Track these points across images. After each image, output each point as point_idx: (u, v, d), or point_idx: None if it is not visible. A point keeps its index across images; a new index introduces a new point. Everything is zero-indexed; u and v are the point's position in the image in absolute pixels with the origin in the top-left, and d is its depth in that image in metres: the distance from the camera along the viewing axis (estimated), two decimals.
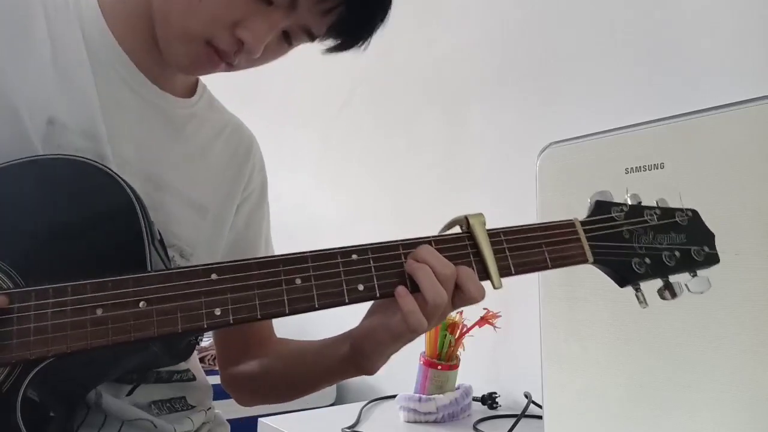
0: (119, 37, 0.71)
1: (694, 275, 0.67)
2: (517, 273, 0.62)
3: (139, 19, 0.70)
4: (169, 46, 0.68)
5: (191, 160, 0.78)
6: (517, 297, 1.41)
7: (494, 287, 0.60)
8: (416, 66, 1.76)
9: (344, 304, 0.58)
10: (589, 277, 0.96)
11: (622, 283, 0.66)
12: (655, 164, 0.88)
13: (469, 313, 1.36)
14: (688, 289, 0.66)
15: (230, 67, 0.70)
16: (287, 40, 0.70)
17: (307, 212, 2.08)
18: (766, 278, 0.77)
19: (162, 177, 0.74)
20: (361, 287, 0.58)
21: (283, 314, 0.56)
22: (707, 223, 0.71)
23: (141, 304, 0.53)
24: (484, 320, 1.34)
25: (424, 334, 1.35)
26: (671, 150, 0.87)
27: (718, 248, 0.69)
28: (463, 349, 1.37)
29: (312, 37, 0.70)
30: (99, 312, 0.52)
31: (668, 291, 0.66)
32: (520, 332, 1.39)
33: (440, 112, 1.70)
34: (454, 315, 1.36)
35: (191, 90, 0.81)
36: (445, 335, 1.35)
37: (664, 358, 0.87)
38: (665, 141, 0.88)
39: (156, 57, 0.71)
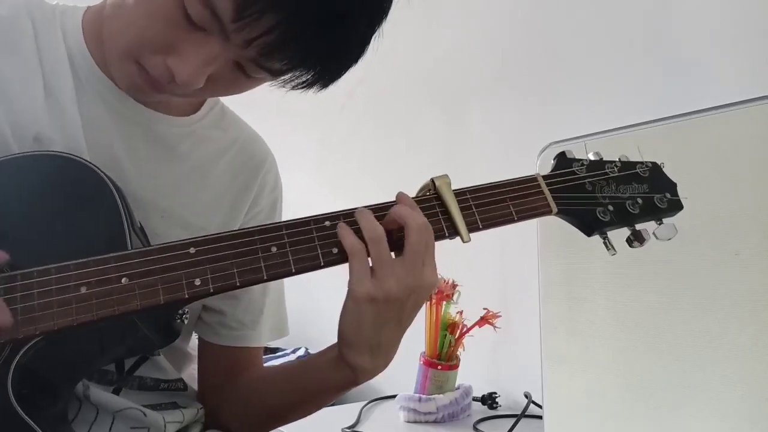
0: (98, 57, 0.70)
1: (660, 223, 0.69)
2: (485, 227, 0.64)
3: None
4: (110, 67, 0.67)
5: (186, 179, 0.75)
6: (517, 297, 1.42)
7: (463, 241, 0.63)
8: (416, 66, 1.76)
9: (320, 267, 0.60)
10: (589, 277, 0.96)
11: (588, 232, 0.68)
12: None
13: (469, 313, 1.36)
14: (656, 236, 0.68)
15: (175, 95, 0.65)
16: (242, 71, 0.62)
17: (308, 212, 2.08)
18: (766, 278, 0.77)
19: (148, 198, 0.71)
20: (335, 250, 0.60)
21: (261, 280, 0.58)
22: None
23: (123, 279, 0.55)
24: (484, 320, 1.34)
25: (424, 335, 1.36)
26: (671, 150, 0.87)
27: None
28: (463, 349, 1.37)
29: (270, 72, 0.62)
30: (83, 290, 0.54)
31: (636, 239, 0.68)
32: (520, 332, 1.39)
33: (440, 112, 1.70)
34: (454, 315, 1.36)
35: (195, 107, 0.78)
36: (445, 335, 1.35)
37: (664, 358, 0.87)
38: (665, 141, 0.88)
39: None
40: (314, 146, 2.16)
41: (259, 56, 0.59)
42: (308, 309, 0.94)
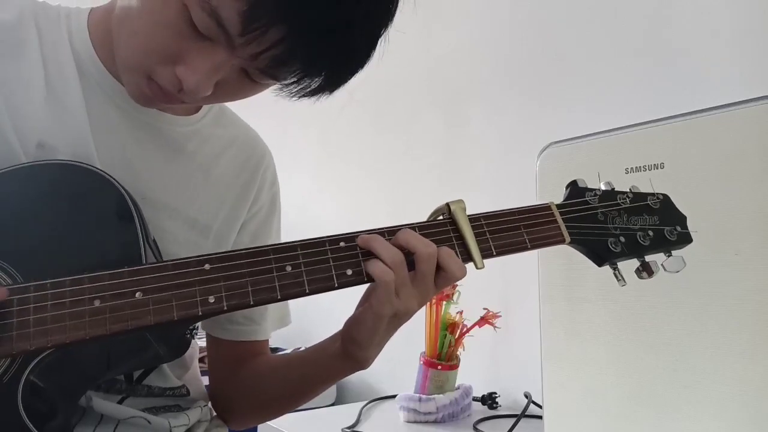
0: (105, 59, 0.70)
1: (669, 255, 0.70)
2: (499, 254, 0.65)
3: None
4: (121, 76, 0.66)
5: (193, 178, 0.76)
6: (517, 297, 1.42)
7: (477, 268, 0.64)
8: (416, 66, 1.76)
9: (334, 288, 0.60)
10: (589, 277, 0.96)
11: (599, 262, 0.69)
12: (655, 164, 0.88)
13: (469, 313, 1.36)
14: (664, 269, 0.69)
15: (184, 103, 0.66)
16: (248, 77, 0.63)
17: (308, 214, 2.08)
18: (766, 278, 0.77)
19: (158, 198, 0.72)
20: (349, 272, 0.60)
21: (275, 300, 0.58)
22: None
23: (137, 294, 0.55)
24: (484, 320, 1.34)
25: (424, 335, 1.36)
26: (671, 150, 0.87)
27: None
28: (463, 349, 1.37)
29: (276, 80, 0.62)
30: (97, 303, 0.54)
31: (645, 270, 0.69)
32: (520, 332, 1.39)
33: (440, 112, 1.70)
34: (454, 315, 1.36)
35: (196, 107, 0.78)
36: (445, 335, 1.35)
37: (664, 358, 0.87)
38: (665, 141, 0.88)
39: None
40: (314, 147, 2.16)
41: (267, 68, 0.60)
42: (308, 308, 0.94)
